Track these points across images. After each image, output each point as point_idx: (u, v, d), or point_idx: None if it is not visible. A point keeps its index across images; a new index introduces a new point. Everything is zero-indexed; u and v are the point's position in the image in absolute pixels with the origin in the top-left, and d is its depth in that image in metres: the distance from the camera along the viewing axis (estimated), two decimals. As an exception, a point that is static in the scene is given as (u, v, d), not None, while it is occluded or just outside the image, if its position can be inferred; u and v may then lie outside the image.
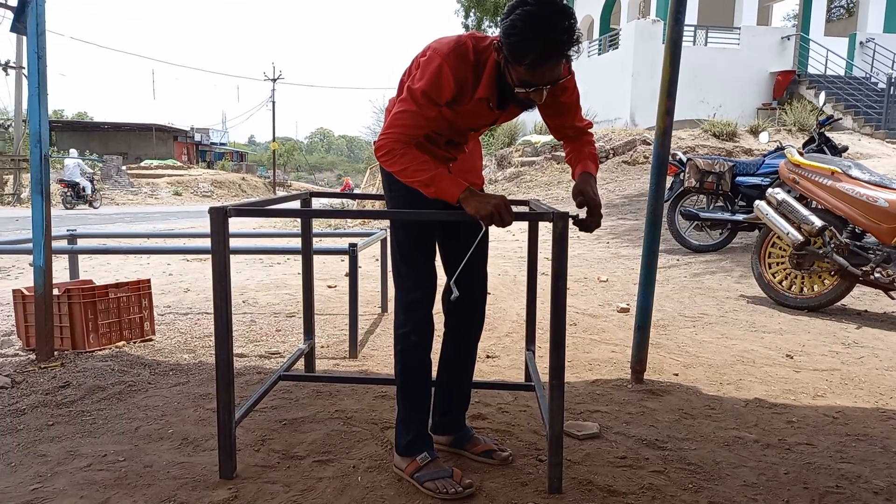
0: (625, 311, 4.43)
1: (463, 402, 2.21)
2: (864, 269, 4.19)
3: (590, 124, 2.10)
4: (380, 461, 2.10)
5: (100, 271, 6.18)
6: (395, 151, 1.79)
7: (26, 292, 3.40)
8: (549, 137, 15.36)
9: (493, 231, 8.76)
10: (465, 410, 2.21)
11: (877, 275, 4.15)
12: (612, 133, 14.97)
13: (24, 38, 3.10)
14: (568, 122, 2.04)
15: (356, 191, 23.91)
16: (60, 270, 5.32)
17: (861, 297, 4.85)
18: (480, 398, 2.70)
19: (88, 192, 18.79)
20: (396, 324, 2.00)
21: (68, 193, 18.18)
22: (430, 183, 1.78)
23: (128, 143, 36.74)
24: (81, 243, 4.89)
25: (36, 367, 3.08)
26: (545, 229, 2.12)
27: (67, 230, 4.70)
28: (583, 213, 1.97)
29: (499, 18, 1.76)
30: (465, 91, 1.81)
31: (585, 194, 1.95)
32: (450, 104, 1.83)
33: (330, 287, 5.31)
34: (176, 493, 1.89)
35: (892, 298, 4.47)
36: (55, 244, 3.76)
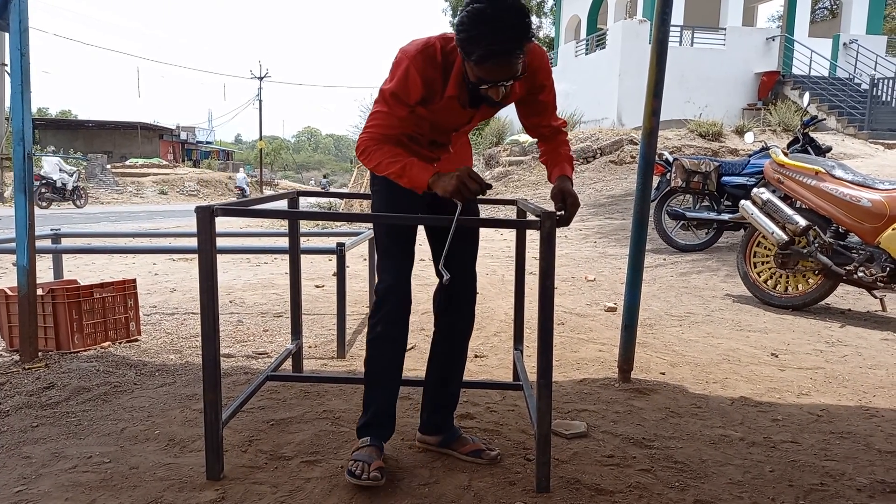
0: (612, 310, 4.45)
1: (451, 401, 2.21)
2: (847, 268, 4.24)
3: (564, 123, 2.12)
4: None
5: (84, 271, 6.11)
6: (370, 149, 1.87)
7: (9, 292, 3.37)
8: (537, 137, 15.40)
9: (484, 232, 8.78)
10: (453, 410, 2.22)
11: (860, 274, 4.20)
12: (599, 133, 15.03)
13: (7, 34, 3.06)
14: (544, 121, 2.07)
15: (344, 190, 24.01)
16: (44, 270, 5.26)
17: (845, 296, 4.91)
18: (469, 397, 2.70)
19: (69, 188, 18.33)
20: (370, 314, 2.06)
21: (45, 191, 17.71)
22: (401, 173, 1.83)
23: (112, 142, 36.40)
24: (66, 243, 4.84)
25: (20, 368, 3.04)
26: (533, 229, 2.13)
27: (52, 229, 4.65)
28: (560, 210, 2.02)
29: None
30: (434, 91, 1.85)
31: (565, 196, 1.99)
32: (423, 104, 1.87)
33: (318, 287, 5.29)
34: (162, 494, 1.87)
35: (875, 297, 4.53)
36: (39, 244, 3.73)
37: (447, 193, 1.78)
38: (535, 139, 2.14)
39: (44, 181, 17.69)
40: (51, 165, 18.43)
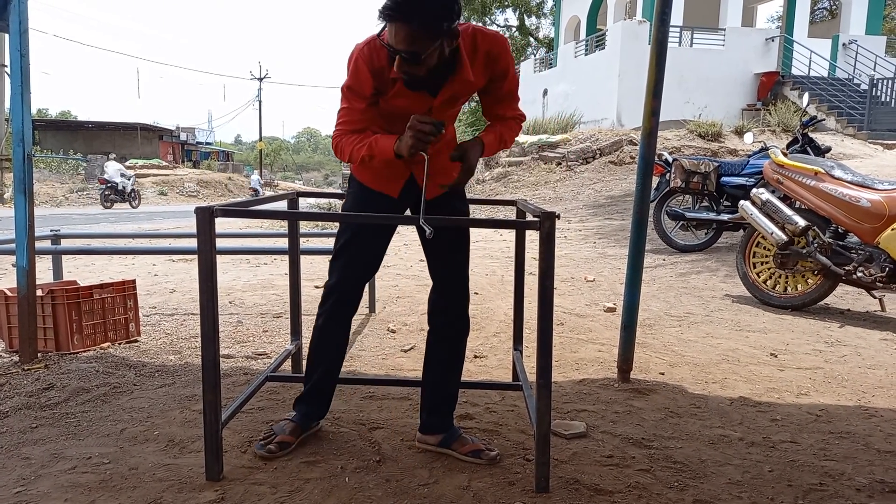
0: (611, 310, 4.45)
1: (449, 402, 2.21)
2: (846, 268, 4.24)
3: (523, 117, 2.13)
4: (367, 462, 2.10)
5: (84, 272, 6.11)
6: (340, 144, 1.97)
7: (9, 293, 3.37)
8: (537, 137, 15.40)
9: (483, 232, 8.78)
10: (451, 410, 2.22)
11: (859, 274, 4.20)
12: (598, 133, 15.03)
13: (7, 35, 3.06)
14: (502, 110, 2.08)
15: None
16: (44, 271, 5.26)
17: (844, 297, 4.91)
18: (468, 398, 2.71)
19: (127, 190, 19.97)
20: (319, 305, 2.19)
21: (107, 193, 19.40)
22: (370, 153, 1.91)
23: (112, 143, 36.35)
24: (65, 244, 4.84)
25: (19, 369, 3.04)
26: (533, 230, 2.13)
27: (51, 230, 4.65)
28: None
29: (487, 18, 1.80)
30: (384, 80, 1.89)
31: (464, 153, 1.94)
32: (379, 94, 1.93)
33: (317, 287, 5.29)
34: (162, 495, 1.88)
35: (874, 297, 4.53)
36: (38, 244, 3.73)
37: (409, 147, 1.82)
38: (489, 121, 2.14)
39: (108, 185, 19.42)
40: (113, 170, 20.02)
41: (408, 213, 2.18)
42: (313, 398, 2.25)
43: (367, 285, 2.27)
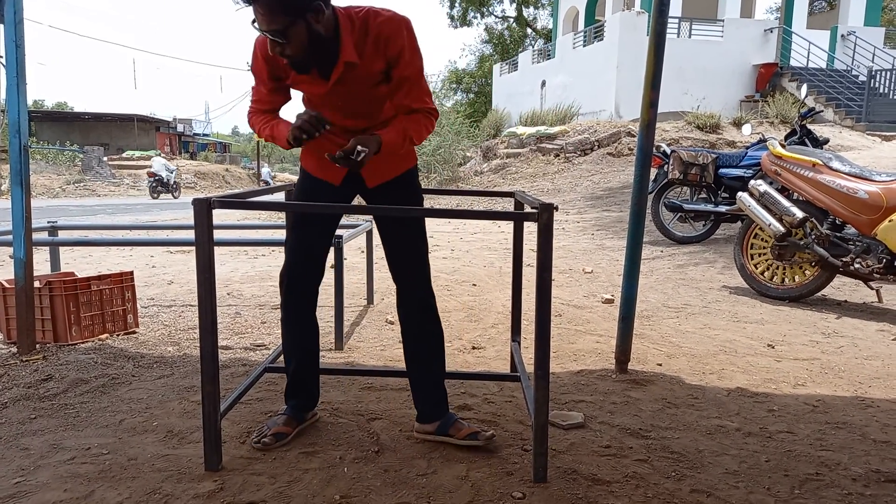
0: (609, 302, 4.46)
1: (435, 390, 2.22)
2: (844, 259, 4.25)
3: (433, 111, 2.02)
4: (366, 452, 2.11)
5: (81, 263, 6.10)
6: (251, 122, 2.11)
7: (7, 285, 3.36)
8: (535, 129, 15.39)
9: (481, 224, 8.77)
10: (442, 399, 2.22)
11: (856, 265, 4.21)
12: (596, 125, 15.02)
13: (1, 26, 3.04)
14: (407, 100, 1.98)
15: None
16: (41, 263, 5.25)
17: (841, 288, 4.92)
18: (466, 389, 2.71)
19: (171, 182, 21.96)
20: None
21: (154, 185, 21.38)
22: (272, 134, 2.02)
23: (109, 134, 36.21)
24: (63, 235, 4.83)
25: (18, 361, 3.04)
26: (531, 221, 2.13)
27: (48, 222, 4.64)
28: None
29: (484, 9, 1.78)
30: (279, 66, 1.95)
31: (346, 153, 1.85)
32: (280, 79, 2.00)
33: (315, 279, 5.29)
34: (161, 485, 1.88)
35: (871, 288, 4.54)
36: (36, 236, 3.72)
37: (292, 137, 1.90)
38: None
39: (155, 178, 21.41)
40: (159, 165, 22.14)
41: (359, 201, 2.24)
42: (298, 390, 2.28)
43: (367, 277, 2.28)
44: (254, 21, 1.79)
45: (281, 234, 5.09)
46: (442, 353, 2.26)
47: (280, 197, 2.77)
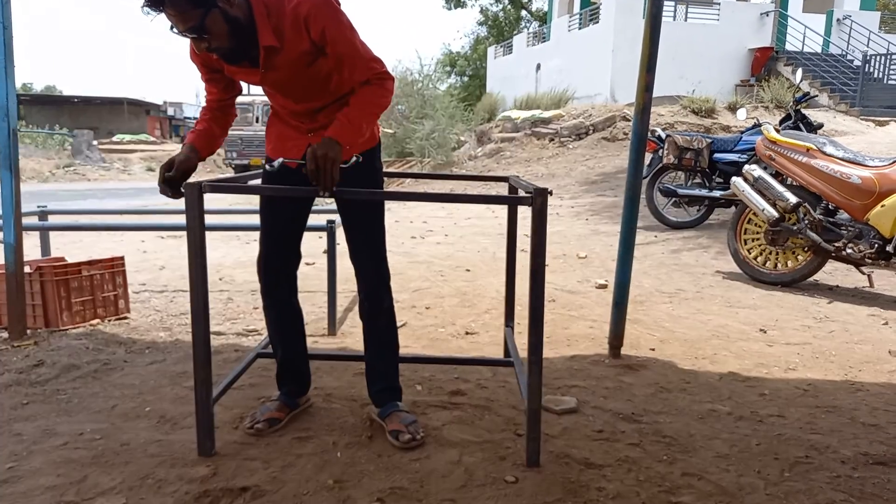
0: (603, 287, 4.47)
1: (381, 377, 2.21)
2: (836, 244, 4.26)
3: (380, 74, 1.94)
4: (359, 437, 2.11)
5: (72, 249, 6.05)
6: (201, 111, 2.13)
7: (-3, 270, 3.33)
8: (530, 113, 15.32)
9: (475, 209, 8.76)
10: (388, 387, 2.21)
11: (849, 250, 4.23)
12: (591, 109, 14.96)
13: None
14: (350, 75, 1.93)
15: None
16: (31, 248, 5.21)
17: (833, 273, 4.94)
18: (460, 374, 2.72)
19: None
20: None
21: None
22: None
23: (98, 118, 35.86)
24: (53, 220, 4.79)
25: (9, 346, 3.03)
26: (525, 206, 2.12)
27: (38, 206, 4.60)
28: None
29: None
30: (212, 59, 1.94)
31: (313, 160, 1.83)
32: (217, 70, 2.00)
33: (308, 264, 5.27)
34: (154, 470, 1.88)
35: (863, 273, 4.56)
36: (26, 221, 3.69)
37: (160, 188, 1.96)
38: None
39: None
40: None
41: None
42: (288, 376, 2.29)
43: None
44: (172, 27, 1.74)
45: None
46: (391, 344, 2.24)
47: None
